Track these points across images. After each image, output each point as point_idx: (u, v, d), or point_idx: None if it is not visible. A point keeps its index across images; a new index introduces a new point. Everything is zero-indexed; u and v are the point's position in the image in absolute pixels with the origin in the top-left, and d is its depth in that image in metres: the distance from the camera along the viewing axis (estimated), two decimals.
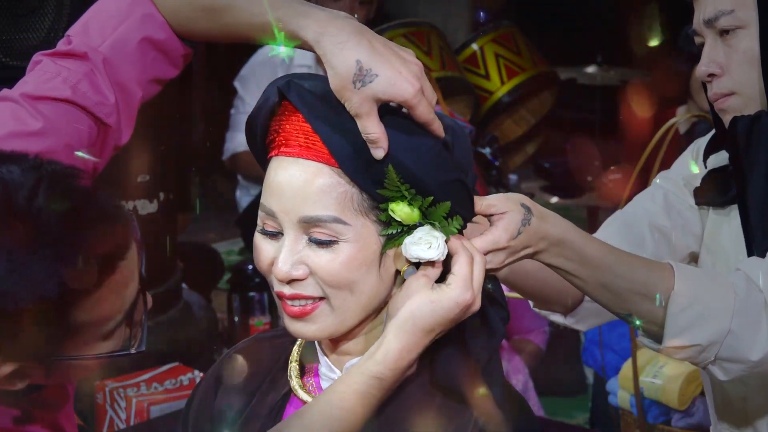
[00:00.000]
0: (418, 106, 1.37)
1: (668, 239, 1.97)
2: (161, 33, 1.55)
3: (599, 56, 5.26)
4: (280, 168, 1.41)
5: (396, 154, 1.37)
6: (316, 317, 1.41)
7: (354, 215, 1.38)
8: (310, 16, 1.40)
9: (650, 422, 3.17)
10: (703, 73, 1.81)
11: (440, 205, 1.39)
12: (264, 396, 1.53)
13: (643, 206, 2.00)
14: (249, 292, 3.99)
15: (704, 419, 3.10)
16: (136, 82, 1.56)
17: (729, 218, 1.89)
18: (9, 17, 2.88)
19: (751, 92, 1.78)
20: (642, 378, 3.14)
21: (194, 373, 3.27)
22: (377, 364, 1.36)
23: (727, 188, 1.87)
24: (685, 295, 1.61)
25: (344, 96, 1.36)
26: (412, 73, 1.37)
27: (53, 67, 1.53)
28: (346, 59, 1.35)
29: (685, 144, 2.14)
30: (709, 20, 1.78)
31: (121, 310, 1.36)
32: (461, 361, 1.43)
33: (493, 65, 4.76)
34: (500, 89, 4.75)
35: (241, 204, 4.63)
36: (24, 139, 1.45)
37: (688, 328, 1.62)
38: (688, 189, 1.99)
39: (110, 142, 1.55)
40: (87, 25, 1.56)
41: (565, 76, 5.20)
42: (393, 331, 1.37)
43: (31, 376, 1.35)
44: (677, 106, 4.13)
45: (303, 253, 1.40)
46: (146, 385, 3.19)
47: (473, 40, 4.81)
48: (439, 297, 1.37)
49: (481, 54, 4.77)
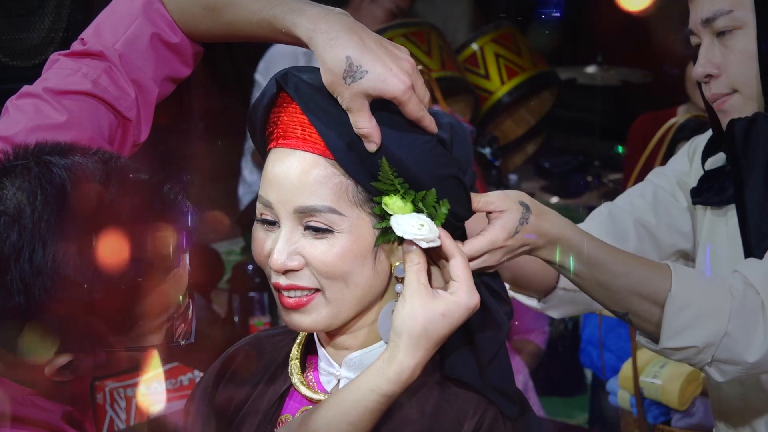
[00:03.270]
0: (408, 102, 1.38)
1: (653, 236, 1.98)
2: (170, 31, 1.58)
3: (599, 56, 5.25)
4: (277, 160, 1.42)
5: (390, 148, 1.38)
6: (312, 309, 1.42)
7: (349, 206, 1.39)
8: (303, 12, 1.41)
9: (650, 422, 3.16)
10: (700, 74, 1.81)
11: (428, 194, 1.40)
12: (263, 391, 1.54)
13: (632, 201, 2.01)
14: (249, 292, 3.99)
15: (704, 419, 3.10)
16: (151, 79, 1.58)
17: (726, 218, 1.89)
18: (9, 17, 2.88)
19: (750, 92, 1.78)
20: (642, 378, 3.14)
21: (194, 373, 3.27)
22: (390, 382, 1.36)
23: (724, 188, 1.87)
24: (682, 297, 1.61)
25: (336, 91, 1.38)
26: (403, 69, 1.38)
27: (72, 63, 1.55)
28: (336, 55, 1.36)
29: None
30: (706, 20, 1.78)
31: (175, 303, 1.39)
32: (470, 354, 1.45)
33: (493, 65, 4.75)
34: (500, 89, 4.74)
35: (243, 202, 4.64)
36: (49, 132, 1.46)
37: (685, 329, 1.62)
38: (681, 187, 1.99)
39: (130, 138, 1.58)
40: (99, 28, 1.59)
41: (565, 77, 5.19)
42: (405, 349, 1.36)
43: (80, 369, 1.37)
44: (677, 105, 4.13)
45: (299, 243, 1.41)
46: (146, 385, 3.19)
47: (473, 40, 4.81)
48: (448, 308, 1.37)
49: (481, 54, 4.76)
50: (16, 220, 1.26)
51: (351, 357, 1.47)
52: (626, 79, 5.33)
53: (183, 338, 1.43)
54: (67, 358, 1.34)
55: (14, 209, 1.27)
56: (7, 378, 1.37)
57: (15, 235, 1.26)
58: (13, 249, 1.26)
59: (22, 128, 1.48)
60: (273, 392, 1.53)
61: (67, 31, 3.04)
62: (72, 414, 1.45)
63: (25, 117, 1.50)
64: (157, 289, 1.34)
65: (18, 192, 1.28)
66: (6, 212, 1.27)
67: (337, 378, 1.49)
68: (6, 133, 1.49)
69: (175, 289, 1.38)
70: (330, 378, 1.50)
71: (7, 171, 1.31)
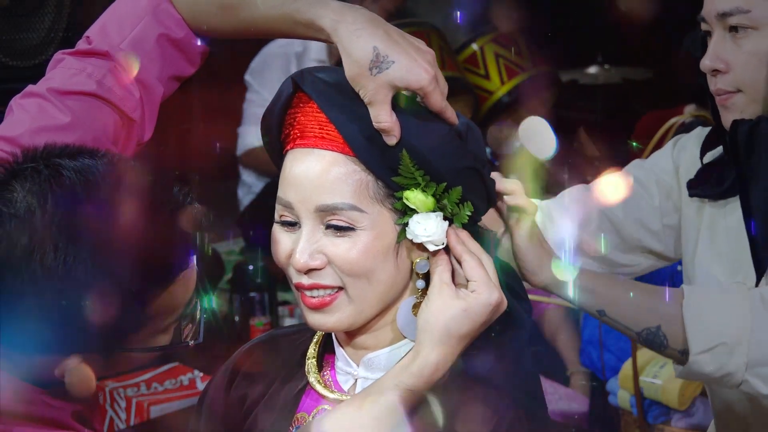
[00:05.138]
0: (432, 93, 1.39)
1: (618, 230, 1.98)
2: (178, 30, 1.58)
3: (599, 56, 5.25)
4: (296, 160, 1.42)
5: (410, 140, 1.39)
6: (335, 308, 1.43)
7: (370, 203, 1.40)
8: (327, 5, 1.43)
9: (650, 422, 3.16)
10: (707, 67, 1.80)
11: (453, 191, 1.40)
12: (279, 389, 1.54)
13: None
14: (249, 292, 3.98)
15: (704, 419, 3.10)
16: (157, 79, 1.58)
17: (725, 212, 1.88)
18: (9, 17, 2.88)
19: (756, 93, 1.78)
20: (642, 378, 3.14)
21: (194, 373, 3.27)
22: (412, 377, 1.37)
23: (721, 180, 1.86)
24: (697, 300, 1.64)
25: (360, 83, 1.38)
26: (427, 60, 1.40)
27: (77, 63, 1.55)
28: (363, 46, 1.37)
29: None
30: (722, 14, 1.76)
31: (184, 303, 1.40)
32: (494, 355, 1.46)
33: (493, 65, 4.75)
34: (500, 89, 4.74)
35: (243, 203, 4.63)
36: (53, 133, 1.47)
37: (708, 327, 1.62)
38: (658, 185, 1.99)
39: (134, 138, 1.58)
40: (105, 26, 1.59)
41: (566, 78, 5.19)
42: (428, 345, 1.38)
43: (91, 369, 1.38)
44: (684, 104, 4.12)
45: (321, 242, 1.41)
46: (146, 385, 3.19)
47: (473, 40, 4.80)
48: (469, 304, 1.38)
49: (481, 54, 4.76)
50: (27, 222, 1.26)
51: (369, 356, 1.48)
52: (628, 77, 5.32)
53: (191, 338, 1.43)
54: (78, 359, 1.34)
55: (25, 212, 1.27)
56: (17, 377, 1.38)
57: (26, 238, 1.26)
58: (24, 252, 1.26)
59: (26, 129, 1.49)
60: (289, 390, 1.53)
61: (67, 31, 3.04)
62: (82, 412, 1.45)
63: (29, 117, 1.50)
64: (167, 290, 1.35)
65: (28, 195, 1.28)
66: (16, 215, 1.27)
67: (355, 377, 1.50)
68: (10, 134, 1.49)
69: (184, 290, 1.39)
70: (347, 377, 1.50)
71: (16, 174, 1.31)
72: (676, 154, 2.00)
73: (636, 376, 3.09)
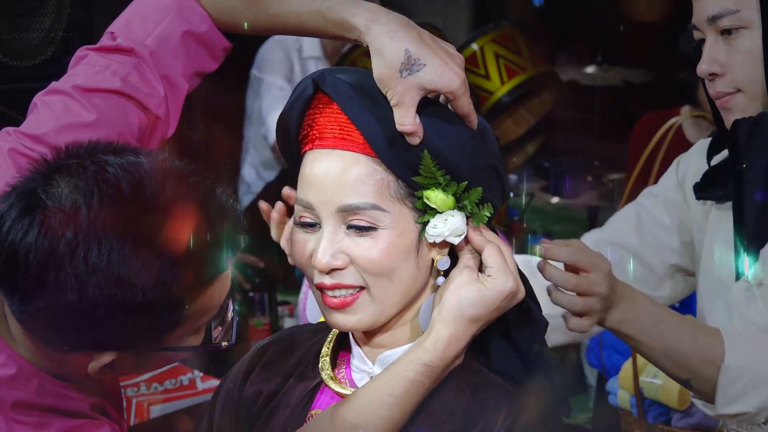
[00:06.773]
0: (462, 97, 1.40)
1: (639, 258, 2.02)
2: (203, 26, 1.57)
3: (599, 56, 5.25)
4: (316, 161, 1.42)
5: (431, 140, 1.39)
6: (357, 307, 1.43)
7: (391, 202, 1.40)
8: (360, 5, 1.43)
9: (650, 422, 3.16)
10: (704, 72, 1.81)
11: (473, 191, 1.42)
12: (294, 385, 1.55)
13: (615, 226, 2.08)
14: (249, 293, 3.99)
15: (704, 419, 3.09)
16: (181, 75, 1.58)
17: (730, 213, 1.89)
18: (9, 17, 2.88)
19: (755, 91, 1.78)
20: (642, 378, 3.13)
21: (194, 373, 3.26)
22: (426, 351, 1.39)
23: (727, 183, 1.87)
24: (735, 367, 1.65)
25: (388, 84, 1.38)
26: (457, 64, 1.41)
27: (102, 60, 1.55)
28: (396, 48, 1.38)
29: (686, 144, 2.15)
30: (712, 17, 1.78)
31: (219, 305, 1.39)
32: (513, 352, 1.47)
33: (493, 65, 4.75)
34: (500, 89, 4.74)
35: (243, 203, 4.63)
36: (78, 130, 1.46)
37: (738, 398, 1.66)
38: (666, 205, 2.02)
39: (158, 134, 1.58)
40: (129, 22, 1.58)
41: (566, 78, 5.19)
42: (441, 320, 1.40)
43: (121, 367, 1.38)
44: (681, 105, 4.12)
45: (342, 242, 1.41)
46: (146, 385, 3.18)
47: (473, 40, 4.81)
48: (484, 287, 1.40)
49: (481, 54, 4.76)
50: (72, 218, 1.26)
51: (386, 354, 1.48)
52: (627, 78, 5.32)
53: (223, 339, 1.43)
54: (112, 356, 1.34)
55: (70, 207, 1.26)
56: (43, 371, 1.38)
57: (70, 233, 1.25)
58: (69, 247, 1.25)
59: (51, 127, 1.48)
60: (304, 387, 1.54)
61: (67, 31, 3.03)
62: (104, 406, 1.46)
63: (55, 115, 1.50)
64: (205, 291, 1.35)
65: (74, 190, 1.27)
66: (62, 210, 1.26)
67: (370, 375, 1.50)
68: (36, 132, 1.49)
69: (220, 292, 1.38)
70: (363, 375, 1.51)
71: (60, 169, 1.30)
72: (680, 170, 2.03)
73: (636, 376, 3.09)
